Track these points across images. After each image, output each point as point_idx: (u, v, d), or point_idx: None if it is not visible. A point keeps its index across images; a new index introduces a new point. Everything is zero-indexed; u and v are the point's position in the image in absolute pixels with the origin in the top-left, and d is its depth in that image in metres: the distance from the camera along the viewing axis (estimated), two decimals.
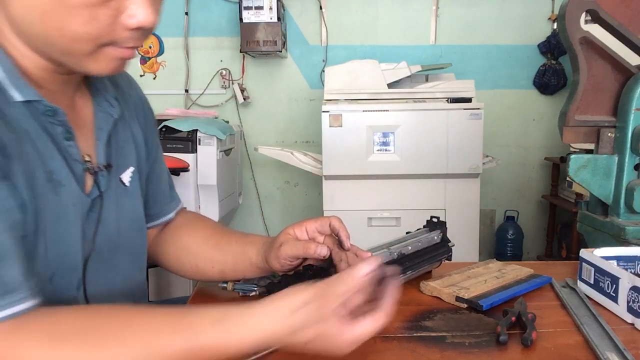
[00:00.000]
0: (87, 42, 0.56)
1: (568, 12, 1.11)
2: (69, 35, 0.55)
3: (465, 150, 2.49)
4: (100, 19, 0.55)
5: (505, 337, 0.67)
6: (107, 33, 0.56)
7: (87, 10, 0.54)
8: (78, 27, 0.54)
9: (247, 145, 3.30)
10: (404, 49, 3.20)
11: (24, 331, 0.50)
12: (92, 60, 0.59)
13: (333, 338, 0.53)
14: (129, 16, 0.56)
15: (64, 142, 0.64)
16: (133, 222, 0.77)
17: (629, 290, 0.74)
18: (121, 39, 0.58)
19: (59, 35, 0.55)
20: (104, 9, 0.55)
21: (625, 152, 1.14)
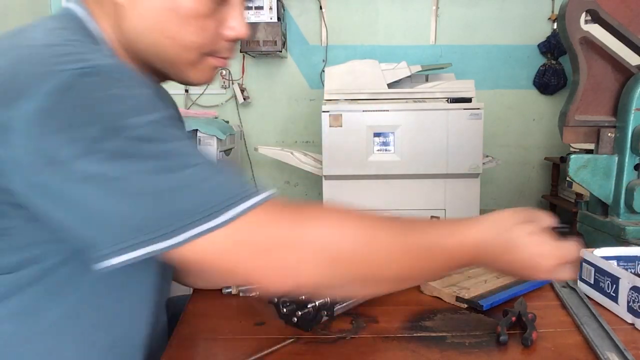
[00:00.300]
0: (194, 51, 0.61)
1: (568, 12, 1.12)
2: (180, 44, 0.59)
3: (465, 150, 2.49)
4: (207, 30, 0.60)
5: (505, 337, 0.67)
6: (211, 43, 0.61)
7: (198, 20, 0.59)
8: (188, 37, 0.59)
9: (247, 145, 3.30)
10: (404, 49, 3.20)
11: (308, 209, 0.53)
12: (194, 69, 0.63)
13: (540, 257, 0.59)
14: (229, 28, 0.62)
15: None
16: None
17: (629, 290, 0.74)
18: (219, 48, 0.63)
19: (170, 44, 0.59)
20: (211, 21, 0.60)
21: (625, 152, 1.14)
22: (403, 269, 0.56)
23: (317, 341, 0.69)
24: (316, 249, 0.50)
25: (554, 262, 0.60)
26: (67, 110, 0.46)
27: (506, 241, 0.59)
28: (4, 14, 2.76)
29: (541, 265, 0.60)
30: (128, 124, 0.47)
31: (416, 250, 0.56)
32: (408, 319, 0.76)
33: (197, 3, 0.58)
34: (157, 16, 0.58)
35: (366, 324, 0.74)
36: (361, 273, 0.53)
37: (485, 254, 0.59)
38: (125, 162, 0.46)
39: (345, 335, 0.71)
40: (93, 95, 0.47)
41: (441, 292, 0.83)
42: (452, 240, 0.57)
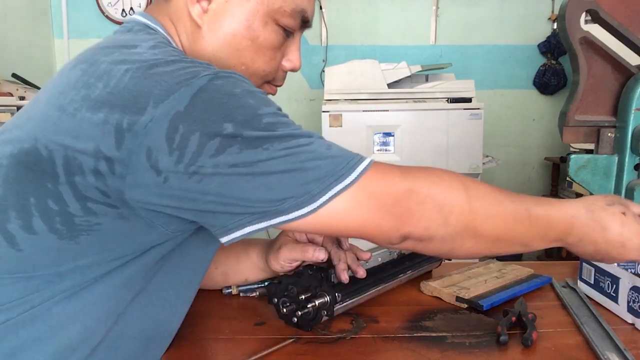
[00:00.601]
0: (259, 78, 0.66)
1: (568, 12, 1.11)
2: (251, 71, 0.64)
3: (465, 150, 2.49)
4: (275, 60, 0.66)
5: (505, 337, 0.67)
6: (274, 72, 0.67)
7: (270, 51, 0.64)
8: (260, 65, 0.64)
9: None
10: (404, 49, 3.20)
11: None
12: None
13: (631, 236, 0.62)
14: (288, 60, 0.68)
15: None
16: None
17: (629, 290, 0.74)
18: (276, 78, 0.69)
19: (243, 70, 0.63)
20: (278, 52, 0.66)
21: (625, 152, 1.14)
22: (510, 230, 0.59)
23: (317, 341, 0.69)
24: (434, 198, 0.57)
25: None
26: (207, 109, 0.49)
27: (599, 219, 0.62)
28: (4, 13, 2.76)
29: (632, 243, 0.62)
30: (262, 113, 0.52)
31: (524, 213, 0.59)
32: (408, 319, 0.76)
33: (274, 36, 0.63)
34: (235, 43, 0.62)
35: (366, 324, 0.74)
36: (473, 226, 0.57)
37: (578, 229, 0.61)
38: (267, 144, 0.50)
39: (345, 335, 0.71)
40: (229, 93, 0.51)
41: (441, 292, 0.83)
42: (553, 211, 0.61)
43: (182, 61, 0.53)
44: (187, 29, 0.62)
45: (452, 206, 0.56)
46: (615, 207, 0.63)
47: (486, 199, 0.58)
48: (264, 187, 0.50)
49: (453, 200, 0.57)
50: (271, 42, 0.63)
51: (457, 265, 0.96)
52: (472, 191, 0.58)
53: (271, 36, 0.63)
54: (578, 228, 0.61)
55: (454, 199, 0.57)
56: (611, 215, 0.62)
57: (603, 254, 0.64)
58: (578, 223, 0.61)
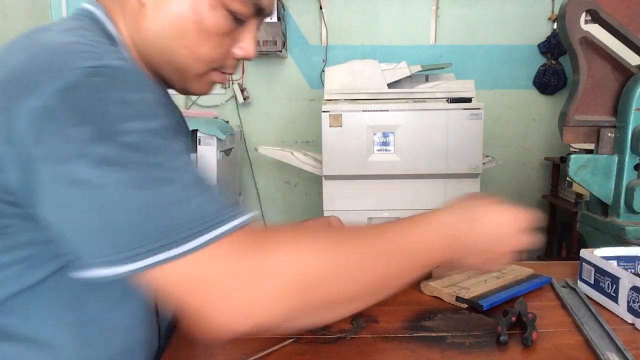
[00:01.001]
0: (205, 64, 0.62)
1: (568, 12, 1.11)
2: (194, 55, 0.61)
3: (465, 150, 2.49)
4: (222, 46, 0.62)
5: (505, 337, 0.67)
6: (221, 59, 0.63)
7: (217, 37, 0.60)
8: (205, 51, 0.61)
9: (247, 145, 3.30)
10: (404, 49, 3.20)
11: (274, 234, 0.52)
12: (197, 80, 0.64)
13: (504, 224, 0.63)
14: (240, 48, 0.64)
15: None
16: None
17: (629, 290, 0.74)
18: (227, 65, 0.65)
19: (186, 54, 0.60)
20: (227, 38, 0.62)
21: (625, 152, 1.14)
22: (374, 279, 0.54)
23: (317, 341, 0.69)
24: (280, 281, 0.48)
25: (515, 226, 0.62)
26: (68, 109, 0.45)
27: (470, 218, 0.61)
28: (4, 13, 2.76)
29: (506, 232, 0.61)
30: (123, 129, 0.46)
31: (384, 256, 0.55)
32: (408, 319, 0.76)
33: (221, 21, 0.59)
34: (180, 25, 0.59)
35: (366, 324, 0.74)
36: (330, 295, 0.51)
37: (454, 236, 0.59)
38: (109, 170, 0.45)
39: (345, 335, 0.71)
40: (98, 96, 0.47)
41: (441, 292, 0.83)
42: (418, 233, 0.58)
43: (79, 45, 0.50)
44: (133, 8, 0.60)
45: (307, 282, 0.49)
46: (481, 203, 0.64)
47: (346, 259, 0.52)
48: (91, 225, 0.45)
49: (308, 275, 0.49)
50: (218, 28, 0.60)
51: None
52: (328, 256, 0.51)
53: (218, 21, 0.59)
54: (454, 236, 0.59)
55: (309, 273, 0.49)
56: (479, 211, 0.62)
57: (486, 252, 0.62)
58: (451, 230, 0.59)
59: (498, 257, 0.63)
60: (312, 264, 0.50)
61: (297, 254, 0.49)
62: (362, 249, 0.54)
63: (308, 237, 0.53)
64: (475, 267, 0.65)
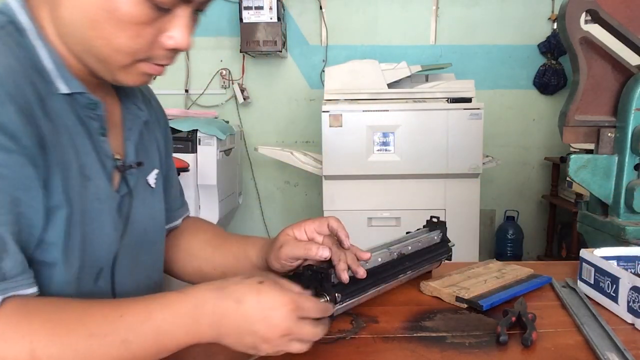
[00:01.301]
0: (126, 55, 0.59)
1: (568, 12, 1.11)
2: (112, 46, 0.57)
3: (465, 150, 2.49)
4: (144, 37, 0.58)
5: (505, 337, 0.67)
6: (146, 50, 0.59)
7: (134, 26, 0.56)
8: (123, 41, 0.57)
9: (247, 145, 3.31)
10: (404, 49, 3.20)
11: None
12: (124, 72, 0.61)
13: (272, 313, 0.54)
14: (169, 37, 0.60)
15: (98, 138, 0.65)
16: (158, 223, 0.79)
17: (629, 290, 0.74)
18: (156, 56, 0.61)
19: (102, 44, 0.57)
20: (149, 28, 0.58)
21: (625, 152, 1.14)
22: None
23: (317, 341, 0.69)
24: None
25: (292, 313, 0.54)
26: None
27: (231, 294, 0.55)
28: None
29: (274, 314, 0.54)
30: None
31: (121, 347, 0.51)
32: (408, 319, 0.76)
33: (135, 9, 0.55)
34: (92, 13, 0.55)
35: (366, 324, 0.74)
36: None
37: (209, 317, 0.54)
38: None
39: (345, 335, 0.71)
40: None
41: (441, 292, 0.83)
42: (165, 316, 0.53)
43: None
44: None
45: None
46: (251, 279, 0.56)
47: (77, 350, 0.50)
48: None
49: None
50: (134, 17, 0.55)
51: (457, 265, 0.96)
52: (44, 351, 0.49)
53: (134, 10, 0.55)
54: (208, 316, 0.54)
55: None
56: (247, 287, 0.55)
57: (251, 335, 0.54)
58: (205, 311, 0.54)
59: (269, 340, 0.55)
60: (43, 346, 0.49)
61: (29, 336, 0.49)
62: (100, 335, 0.51)
63: (50, 314, 0.51)
64: (245, 349, 0.56)
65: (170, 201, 0.88)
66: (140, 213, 0.73)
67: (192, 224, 0.93)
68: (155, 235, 0.78)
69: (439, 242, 0.93)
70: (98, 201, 0.64)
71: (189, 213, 0.96)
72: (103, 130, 0.66)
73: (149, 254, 0.76)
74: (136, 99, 0.76)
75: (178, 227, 0.91)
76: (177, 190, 0.91)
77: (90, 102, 0.63)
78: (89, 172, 0.63)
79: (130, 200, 0.70)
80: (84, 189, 0.62)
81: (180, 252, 0.88)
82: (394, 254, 0.83)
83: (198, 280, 0.88)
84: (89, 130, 0.64)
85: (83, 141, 0.63)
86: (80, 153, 0.62)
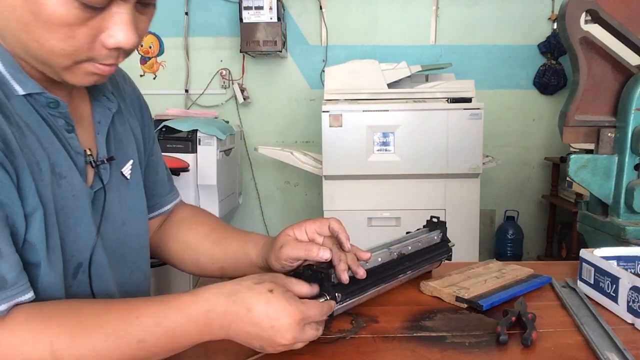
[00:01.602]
0: (63, 57, 0.56)
1: (568, 12, 1.11)
2: (46, 49, 0.55)
3: (465, 150, 2.49)
4: (77, 38, 0.55)
5: (505, 337, 0.67)
6: (85, 51, 0.57)
7: (64, 28, 0.54)
8: (55, 43, 0.55)
9: (247, 145, 3.31)
10: (404, 49, 3.20)
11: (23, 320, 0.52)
12: (69, 73, 0.59)
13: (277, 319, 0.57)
14: (109, 36, 0.56)
15: (65, 135, 0.64)
16: (137, 214, 0.78)
17: (629, 290, 0.74)
18: (99, 56, 0.58)
19: (36, 47, 0.56)
20: (83, 28, 0.55)
21: (625, 152, 1.14)
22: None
23: (317, 341, 0.69)
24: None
25: (292, 323, 0.57)
26: None
27: (242, 300, 0.58)
28: None
29: (280, 323, 0.57)
30: None
31: (137, 346, 0.54)
32: (408, 319, 0.76)
33: (61, 10, 0.52)
34: (21, 16, 0.53)
35: (366, 324, 0.74)
36: None
37: (220, 321, 0.57)
38: None
39: (345, 335, 0.71)
40: None
41: (441, 292, 0.83)
42: (179, 318, 0.56)
43: None
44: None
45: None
46: (262, 285, 0.58)
47: (95, 348, 0.53)
48: None
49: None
50: (62, 18, 0.53)
51: (457, 265, 0.96)
52: (68, 345, 0.52)
53: (60, 11, 0.52)
54: (219, 320, 0.57)
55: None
56: (257, 295, 0.57)
57: (258, 340, 0.58)
58: (216, 315, 0.57)
59: (275, 345, 0.59)
60: (65, 347, 0.52)
61: (49, 339, 0.51)
62: (117, 336, 0.54)
63: (67, 318, 0.54)
64: (253, 348, 0.61)
65: (157, 187, 0.88)
66: (117, 206, 0.73)
67: (191, 216, 0.92)
68: (136, 227, 0.77)
69: (439, 242, 0.93)
70: (74, 198, 0.64)
71: (180, 198, 0.95)
72: (69, 127, 0.65)
73: (131, 245, 0.76)
74: (105, 89, 0.74)
75: (173, 214, 0.91)
76: (164, 176, 0.90)
77: (50, 101, 0.62)
78: (62, 169, 0.63)
79: (105, 194, 0.70)
80: (59, 187, 0.62)
81: (178, 243, 0.88)
82: (394, 254, 0.83)
83: (195, 270, 0.88)
84: (54, 128, 0.63)
85: (51, 139, 0.62)
86: (50, 151, 0.62)
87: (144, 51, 3.25)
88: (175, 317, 0.56)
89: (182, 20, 3.21)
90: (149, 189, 0.85)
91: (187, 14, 3.20)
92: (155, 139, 0.89)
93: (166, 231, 0.89)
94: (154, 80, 3.29)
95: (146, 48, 3.25)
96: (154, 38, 3.24)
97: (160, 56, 3.27)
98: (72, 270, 0.65)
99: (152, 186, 0.86)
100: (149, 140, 0.85)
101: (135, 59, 3.26)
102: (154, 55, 3.27)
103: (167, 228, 0.90)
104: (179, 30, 3.22)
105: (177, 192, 0.94)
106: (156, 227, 0.90)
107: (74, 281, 0.65)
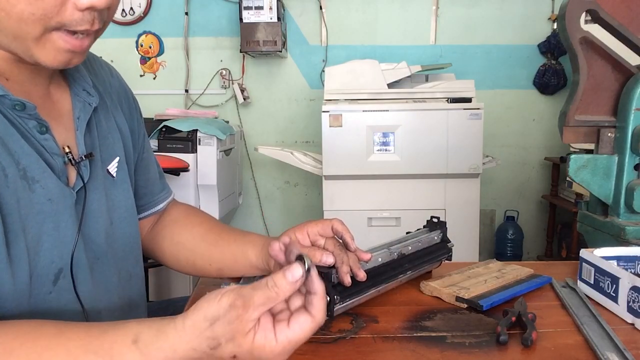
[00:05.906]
0: (33, 23, 0.53)
1: (568, 12, 1.11)
2: (14, 16, 0.53)
3: (465, 150, 2.49)
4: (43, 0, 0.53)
5: (505, 337, 0.67)
6: (55, 14, 0.54)
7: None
8: (22, 7, 0.52)
9: (247, 145, 3.30)
10: (404, 49, 3.20)
11: None
12: (40, 48, 0.56)
13: (260, 349, 0.47)
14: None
15: (37, 136, 0.62)
16: (125, 213, 0.75)
17: (629, 290, 0.74)
18: (71, 21, 0.55)
19: (5, 17, 0.53)
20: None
21: (625, 152, 1.14)
22: None
23: (317, 341, 0.69)
24: None
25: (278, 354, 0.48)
26: None
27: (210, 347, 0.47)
28: None
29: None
30: None
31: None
32: (408, 319, 0.76)
33: None
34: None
35: (366, 324, 0.74)
36: None
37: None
38: None
39: (345, 335, 0.71)
40: None
41: (441, 292, 0.83)
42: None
43: None
44: None
45: None
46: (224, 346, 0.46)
47: None
48: None
49: None
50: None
51: (457, 265, 0.96)
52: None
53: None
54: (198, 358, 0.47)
55: None
56: (223, 352, 0.47)
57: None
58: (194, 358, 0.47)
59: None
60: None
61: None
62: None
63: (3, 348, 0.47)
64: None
65: (149, 185, 0.85)
66: (103, 205, 0.70)
67: (185, 215, 0.90)
68: (125, 226, 0.75)
69: (439, 242, 0.93)
70: (50, 202, 0.62)
71: (173, 196, 0.92)
72: (42, 128, 0.62)
73: (120, 245, 0.74)
74: (85, 83, 0.71)
75: (166, 213, 0.89)
76: (155, 173, 0.88)
77: (16, 103, 0.59)
78: (34, 173, 0.60)
79: (85, 193, 0.67)
80: (32, 192, 0.60)
81: (173, 244, 0.86)
82: (394, 254, 0.83)
83: (191, 272, 0.86)
84: (25, 130, 0.61)
85: (20, 143, 0.59)
86: (20, 156, 0.59)
87: (144, 51, 3.25)
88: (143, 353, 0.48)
89: (182, 20, 3.21)
90: (141, 187, 0.83)
91: (187, 14, 3.20)
92: (145, 135, 0.86)
93: (160, 231, 0.88)
94: (154, 80, 3.29)
95: (146, 48, 3.25)
96: (154, 38, 3.24)
97: (160, 56, 3.27)
98: (52, 276, 0.62)
99: (143, 184, 0.84)
100: (139, 137, 0.83)
101: (135, 59, 3.26)
102: (154, 55, 3.26)
103: (161, 228, 0.88)
104: (179, 30, 3.22)
105: (170, 190, 0.92)
106: (149, 227, 0.89)
107: (54, 287, 0.63)
